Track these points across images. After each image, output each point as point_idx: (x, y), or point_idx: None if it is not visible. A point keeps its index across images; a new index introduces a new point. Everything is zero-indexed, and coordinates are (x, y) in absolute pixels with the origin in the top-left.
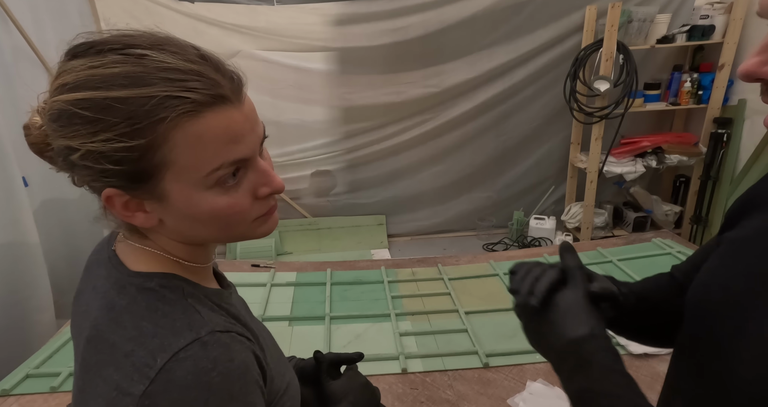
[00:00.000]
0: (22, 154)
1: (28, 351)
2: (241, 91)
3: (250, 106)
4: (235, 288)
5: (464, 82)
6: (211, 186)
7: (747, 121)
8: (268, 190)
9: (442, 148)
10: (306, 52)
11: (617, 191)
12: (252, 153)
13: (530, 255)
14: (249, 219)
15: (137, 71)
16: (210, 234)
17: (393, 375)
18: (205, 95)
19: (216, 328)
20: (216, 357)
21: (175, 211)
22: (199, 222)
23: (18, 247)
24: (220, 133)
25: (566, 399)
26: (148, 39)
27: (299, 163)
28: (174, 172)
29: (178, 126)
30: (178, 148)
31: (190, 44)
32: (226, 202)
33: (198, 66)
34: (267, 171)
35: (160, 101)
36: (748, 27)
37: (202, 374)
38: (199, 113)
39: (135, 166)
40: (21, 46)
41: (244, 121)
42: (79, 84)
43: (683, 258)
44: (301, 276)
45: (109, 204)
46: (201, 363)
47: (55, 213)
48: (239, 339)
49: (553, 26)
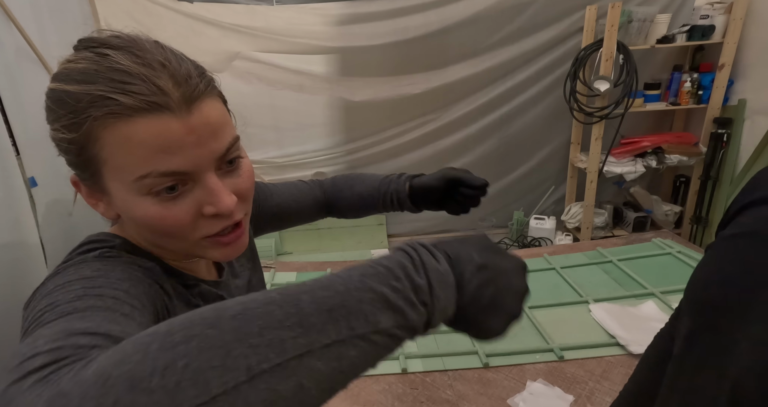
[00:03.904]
0: (30, 154)
1: None
2: (194, 103)
3: (204, 120)
4: (245, 281)
5: (466, 82)
6: (144, 193)
7: (747, 121)
8: (212, 210)
9: (443, 149)
10: (306, 53)
11: (617, 191)
12: (193, 168)
13: (530, 255)
14: (192, 237)
15: (92, 69)
16: (158, 239)
17: (393, 375)
18: (140, 100)
19: (126, 247)
20: (115, 248)
21: (119, 210)
22: (138, 226)
23: (18, 247)
24: (148, 141)
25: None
26: (124, 40)
27: (299, 163)
28: (109, 171)
29: (106, 126)
30: (108, 147)
31: (163, 50)
32: (159, 212)
33: (149, 70)
34: (215, 190)
35: (94, 99)
36: (748, 27)
37: (62, 275)
38: (129, 117)
39: (77, 158)
40: (23, 46)
41: (185, 133)
42: (55, 75)
43: (683, 258)
44: (302, 277)
45: (77, 189)
46: (69, 269)
47: (57, 213)
48: (150, 263)
49: (554, 26)
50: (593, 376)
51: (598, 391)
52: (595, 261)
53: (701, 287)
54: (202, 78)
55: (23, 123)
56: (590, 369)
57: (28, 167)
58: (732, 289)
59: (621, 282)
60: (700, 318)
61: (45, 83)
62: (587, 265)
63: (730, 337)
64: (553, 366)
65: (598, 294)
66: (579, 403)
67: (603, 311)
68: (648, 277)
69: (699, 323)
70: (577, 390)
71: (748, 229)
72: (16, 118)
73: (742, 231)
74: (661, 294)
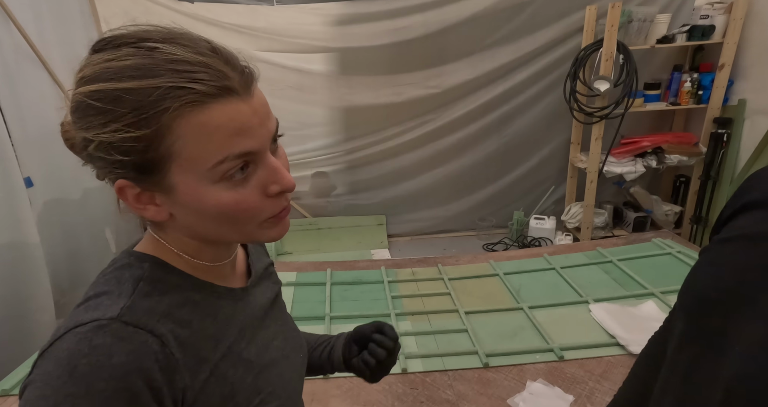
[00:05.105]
0: (26, 154)
1: (28, 351)
2: (251, 85)
3: (260, 100)
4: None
5: (465, 82)
6: (217, 180)
7: (747, 120)
8: (277, 188)
9: (443, 149)
10: (306, 53)
11: (617, 191)
12: (260, 147)
13: (530, 255)
14: (259, 218)
15: (146, 63)
16: (218, 230)
17: (393, 375)
18: (211, 86)
19: (123, 318)
20: (97, 345)
21: (183, 205)
22: (206, 218)
23: (18, 247)
24: (225, 125)
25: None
26: (162, 33)
27: (300, 163)
28: (179, 164)
29: (183, 116)
30: (182, 138)
31: (203, 38)
32: (233, 198)
33: (207, 58)
34: (277, 168)
35: (165, 91)
36: (748, 27)
37: (74, 355)
38: (203, 104)
39: (142, 156)
40: (22, 45)
41: (252, 114)
42: (94, 76)
43: (683, 258)
44: (301, 276)
45: (122, 196)
46: (81, 344)
47: (57, 213)
48: (142, 340)
49: (554, 26)
50: (593, 376)
51: (598, 391)
52: (595, 261)
53: (694, 291)
54: (245, 61)
55: (20, 123)
56: (590, 369)
57: (23, 167)
58: (725, 294)
59: (621, 282)
60: (693, 321)
61: (44, 83)
62: (587, 265)
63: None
64: (553, 366)
65: (598, 294)
66: (579, 403)
67: (603, 311)
68: (648, 277)
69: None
70: (577, 390)
71: (741, 233)
72: (13, 118)
73: (736, 235)
74: (661, 294)
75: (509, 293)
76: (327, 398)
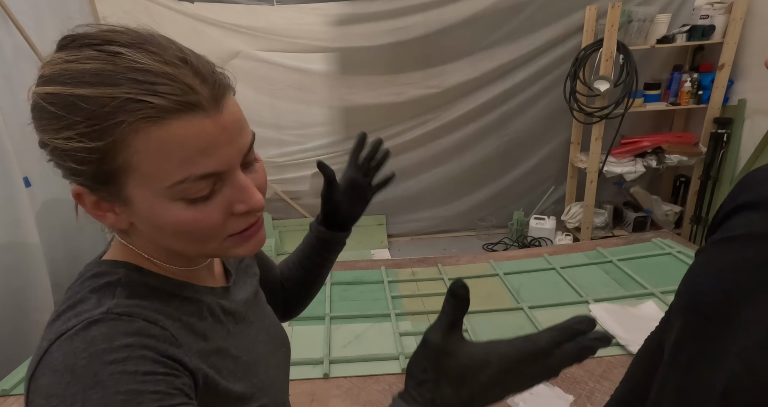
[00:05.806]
0: (24, 154)
1: (28, 351)
2: (221, 99)
3: (232, 116)
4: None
5: (465, 82)
6: (176, 198)
7: (747, 121)
8: (244, 208)
9: (443, 149)
10: (306, 53)
11: (617, 191)
12: (226, 167)
13: (530, 255)
14: (221, 236)
15: (106, 69)
16: (179, 245)
17: (393, 375)
18: (173, 101)
19: (115, 310)
20: (94, 336)
21: (141, 218)
22: (164, 233)
23: (18, 248)
24: (186, 143)
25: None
26: (131, 36)
27: (299, 163)
28: (136, 179)
29: (140, 131)
30: (140, 153)
31: (175, 45)
32: (192, 216)
33: (173, 69)
34: (246, 187)
35: (121, 103)
36: (748, 27)
37: (71, 355)
38: (162, 120)
39: (96, 167)
40: (22, 45)
41: (219, 131)
42: (52, 77)
43: (683, 258)
44: None
45: (79, 202)
46: (75, 343)
47: (56, 213)
48: (141, 325)
49: (554, 26)
50: (593, 376)
51: (598, 391)
52: (595, 261)
53: (691, 292)
54: (220, 72)
55: (19, 123)
56: (590, 369)
57: (21, 167)
58: (721, 294)
59: (621, 282)
60: (690, 322)
61: None
62: (587, 265)
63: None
64: None
65: (598, 294)
66: (579, 403)
67: (603, 311)
68: (648, 277)
69: (689, 327)
70: (577, 390)
71: (736, 234)
72: (12, 118)
73: (730, 236)
74: (661, 294)
75: (509, 293)
76: (327, 398)
